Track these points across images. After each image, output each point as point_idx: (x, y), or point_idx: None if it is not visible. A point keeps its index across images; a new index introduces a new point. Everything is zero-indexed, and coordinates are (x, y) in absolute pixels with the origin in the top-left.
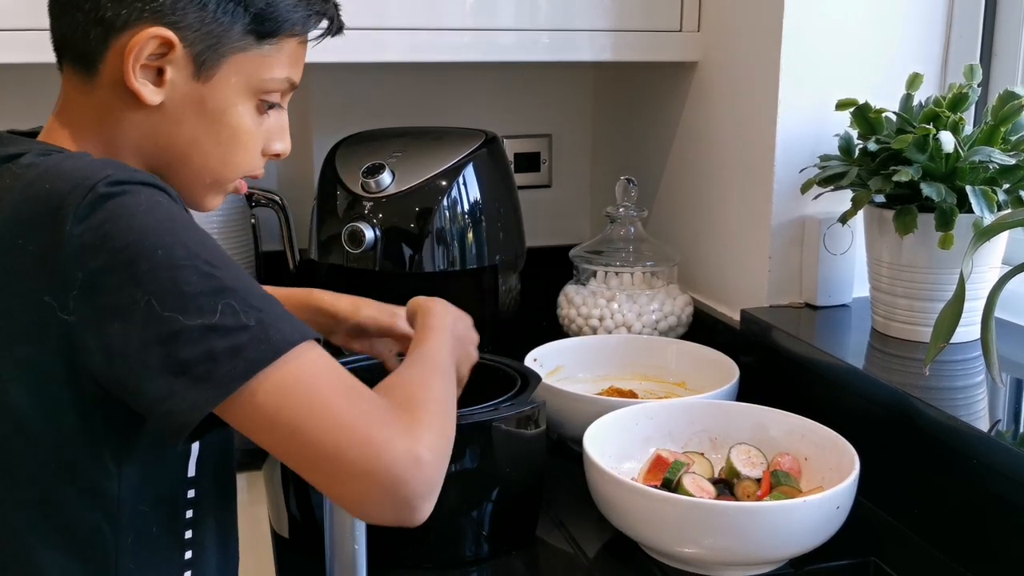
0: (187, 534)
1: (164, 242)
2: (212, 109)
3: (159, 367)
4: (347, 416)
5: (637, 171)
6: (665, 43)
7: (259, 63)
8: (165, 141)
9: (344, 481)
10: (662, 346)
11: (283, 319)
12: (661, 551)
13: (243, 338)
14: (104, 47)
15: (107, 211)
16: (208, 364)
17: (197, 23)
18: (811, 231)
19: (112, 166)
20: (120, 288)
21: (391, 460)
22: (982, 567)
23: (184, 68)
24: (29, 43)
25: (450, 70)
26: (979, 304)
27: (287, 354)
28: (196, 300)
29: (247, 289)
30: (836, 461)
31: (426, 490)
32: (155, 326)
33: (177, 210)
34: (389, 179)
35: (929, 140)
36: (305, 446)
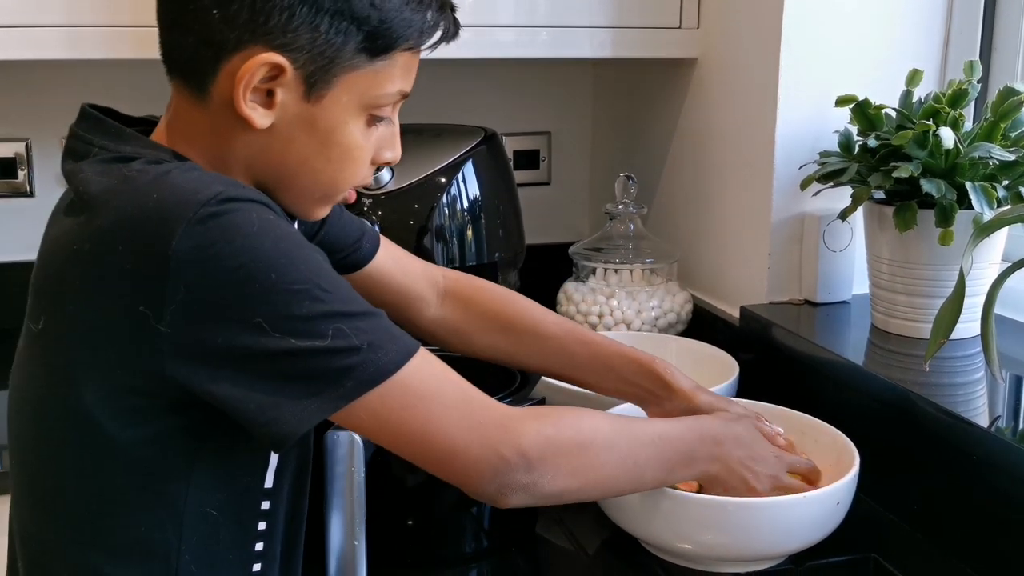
0: (258, 546)
1: (278, 265)
2: (323, 129)
3: (268, 382)
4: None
5: (636, 168)
6: (665, 40)
7: (371, 80)
8: (275, 160)
9: (456, 476)
10: (662, 343)
11: (391, 340)
12: (661, 547)
13: (354, 360)
14: (215, 68)
15: (219, 229)
16: (318, 383)
17: (309, 44)
18: (811, 228)
19: (221, 182)
20: (230, 306)
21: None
22: (982, 563)
23: (295, 90)
24: (27, 40)
25: (449, 67)
26: (979, 300)
27: (396, 373)
28: (308, 324)
29: (358, 313)
30: (836, 457)
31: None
32: (266, 345)
33: (288, 230)
34: (388, 176)
35: (929, 136)
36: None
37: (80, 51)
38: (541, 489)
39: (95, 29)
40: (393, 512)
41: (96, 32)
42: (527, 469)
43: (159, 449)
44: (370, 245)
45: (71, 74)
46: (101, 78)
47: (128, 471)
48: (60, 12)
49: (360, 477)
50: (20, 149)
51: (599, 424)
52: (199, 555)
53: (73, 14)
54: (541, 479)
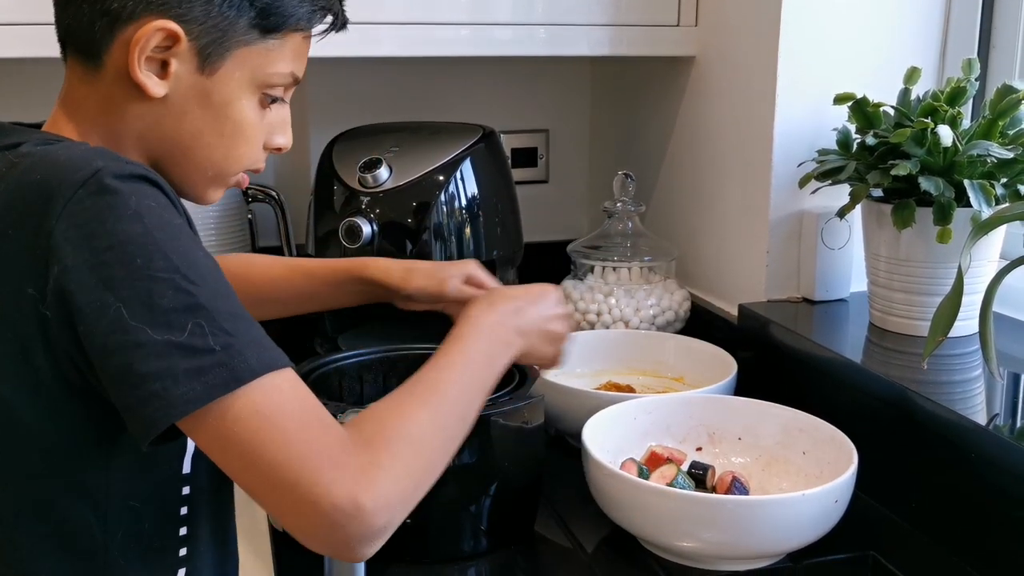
0: (182, 531)
1: (145, 251)
2: (216, 102)
3: (120, 377)
4: (298, 452)
5: (635, 166)
6: (662, 38)
7: (264, 57)
8: (168, 133)
9: (287, 514)
10: (660, 341)
11: (253, 346)
12: (660, 545)
13: (207, 361)
14: (109, 38)
15: (93, 210)
16: (167, 381)
17: (203, 16)
18: (809, 225)
19: (104, 157)
20: (93, 289)
21: (329, 506)
22: (981, 560)
23: (189, 61)
24: (25, 38)
25: (447, 65)
26: (977, 298)
27: (249, 384)
28: (166, 315)
29: (223, 310)
30: (834, 455)
31: (363, 537)
32: (121, 334)
33: (168, 215)
34: (386, 174)
35: (927, 134)
36: (254, 476)
37: None
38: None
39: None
40: None
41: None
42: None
43: (74, 438)
44: None
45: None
46: None
47: (48, 463)
48: None
49: None
50: None
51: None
52: (125, 546)
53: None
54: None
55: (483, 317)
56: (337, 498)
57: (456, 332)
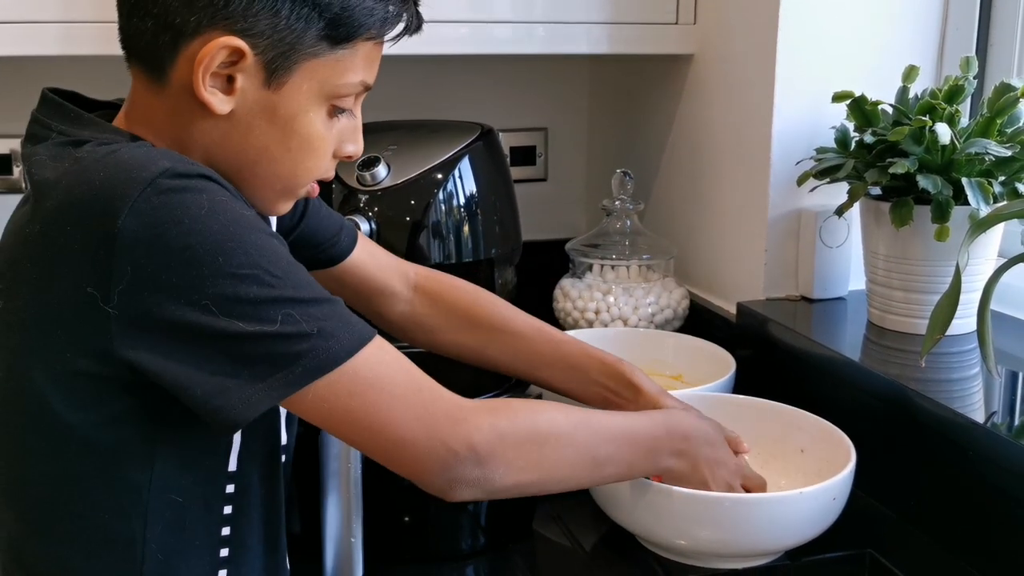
0: (224, 531)
1: (225, 247)
2: (283, 116)
3: (215, 366)
4: (412, 409)
5: (633, 164)
6: (661, 36)
7: (332, 68)
8: (235, 148)
9: (405, 466)
10: (659, 339)
11: (344, 325)
12: (658, 543)
13: (303, 346)
14: (173, 53)
15: (167, 209)
16: (266, 368)
17: (269, 30)
18: (807, 224)
19: (169, 158)
20: (177, 288)
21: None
22: (978, 558)
23: (255, 76)
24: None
25: (445, 63)
26: (975, 296)
27: (348, 361)
28: (256, 309)
29: (308, 297)
30: (832, 453)
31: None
32: (213, 328)
33: (239, 211)
34: (385, 172)
35: (925, 132)
36: (374, 439)
37: (75, 47)
38: (491, 484)
39: (90, 25)
40: (390, 508)
41: (91, 28)
42: (476, 463)
43: (116, 433)
44: (348, 240)
45: (67, 70)
46: (96, 74)
47: (87, 457)
48: (55, 8)
49: (357, 473)
50: (15, 145)
51: (556, 417)
52: (165, 543)
53: (68, 10)
54: (492, 474)
55: (681, 420)
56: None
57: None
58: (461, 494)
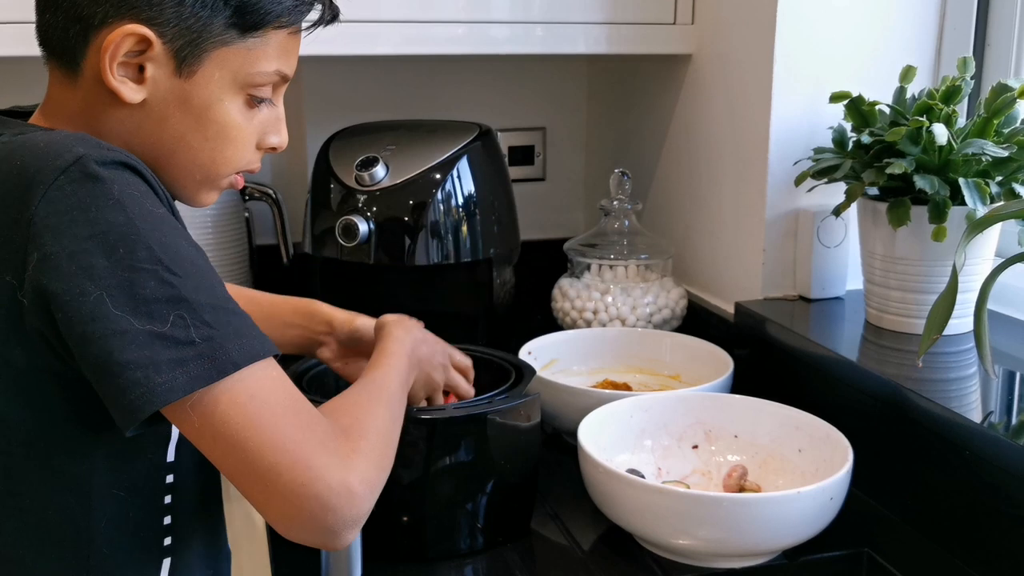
0: (166, 520)
1: (127, 241)
2: (197, 105)
3: (101, 365)
4: (289, 437)
5: (631, 164)
6: (659, 36)
7: (244, 57)
8: (151, 138)
9: (275, 500)
10: (656, 339)
11: (236, 337)
12: (655, 543)
13: (188, 353)
14: (83, 44)
15: (75, 197)
16: (148, 370)
17: (175, 18)
18: (805, 224)
19: (85, 143)
20: (73, 277)
21: (324, 488)
22: (975, 557)
23: (165, 65)
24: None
25: (444, 63)
26: (972, 296)
27: (232, 376)
28: (148, 306)
29: (205, 302)
30: (830, 453)
31: (352, 521)
32: (103, 322)
33: (150, 204)
34: (383, 172)
35: (922, 133)
36: (243, 462)
37: None
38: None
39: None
40: (388, 508)
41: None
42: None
43: (54, 427)
44: None
45: None
46: None
47: (30, 452)
48: None
49: None
50: None
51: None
52: (110, 536)
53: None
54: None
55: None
56: (331, 481)
57: (385, 346)
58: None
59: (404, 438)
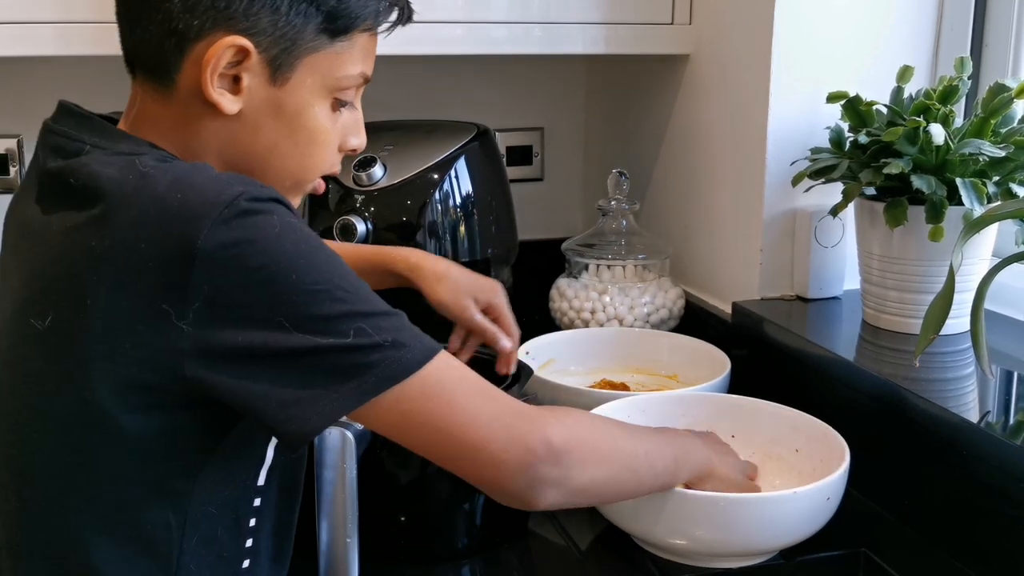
0: (248, 542)
1: (298, 266)
2: (289, 112)
3: (287, 378)
4: (486, 412)
5: (629, 164)
6: (657, 36)
7: (333, 61)
8: (244, 148)
9: (486, 470)
10: (654, 339)
11: (415, 338)
12: (652, 543)
13: (376, 356)
14: (179, 57)
15: (241, 231)
16: (339, 377)
17: (270, 28)
18: (802, 224)
19: (242, 182)
20: (252, 306)
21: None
22: (972, 557)
23: (260, 74)
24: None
25: (442, 63)
26: (969, 296)
27: (420, 370)
28: (330, 323)
29: (377, 311)
30: (827, 452)
31: (553, 479)
32: (288, 344)
33: (306, 231)
34: (381, 172)
35: (919, 132)
36: (448, 444)
37: (72, 47)
38: (571, 481)
39: (86, 25)
40: (385, 508)
41: (87, 28)
42: (555, 460)
43: (171, 446)
44: None
45: (63, 70)
46: (92, 74)
47: (140, 466)
48: (51, 8)
49: (352, 475)
50: (12, 145)
51: (604, 418)
52: (198, 553)
53: (65, 10)
54: (571, 470)
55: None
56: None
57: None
58: (543, 496)
59: None
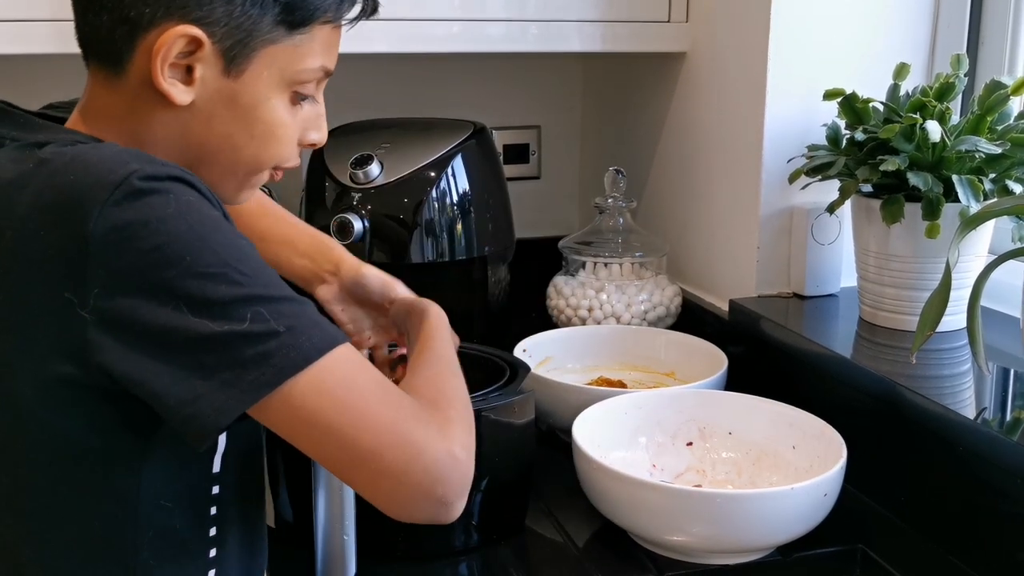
0: (211, 531)
1: (192, 248)
2: (244, 104)
3: (185, 371)
4: (384, 417)
5: (626, 162)
6: (654, 34)
7: (292, 54)
8: (196, 139)
9: (383, 481)
10: (651, 336)
11: (314, 326)
12: (650, 539)
13: (272, 345)
14: (131, 46)
15: (134, 210)
16: (236, 369)
17: (225, 18)
18: (799, 221)
19: (138, 158)
20: (146, 290)
21: (430, 460)
22: (969, 553)
23: (214, 65)
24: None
25: (439, 61)
26: (965, 293)
27: (318, 361)
28: (225, 308)
29: (278, 297)
30: (823, 449)
31: (462, 489)
32: (182, 331)
33: (207, 211)
34: (378, 170)
35: (916, 130)
36: (343, 448)
37: (68, 45)
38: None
39: None
40: None
41: None
42: (461, 468)
43: (103, 440)
44: None
45: (59, 69)
46: None
47: (78, 464)
48: (47, 6)
49: None
50: None
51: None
52: (157, 548)
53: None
54: (470, 466)
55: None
56: (435, 452)
57: (433, 322)
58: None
59: None
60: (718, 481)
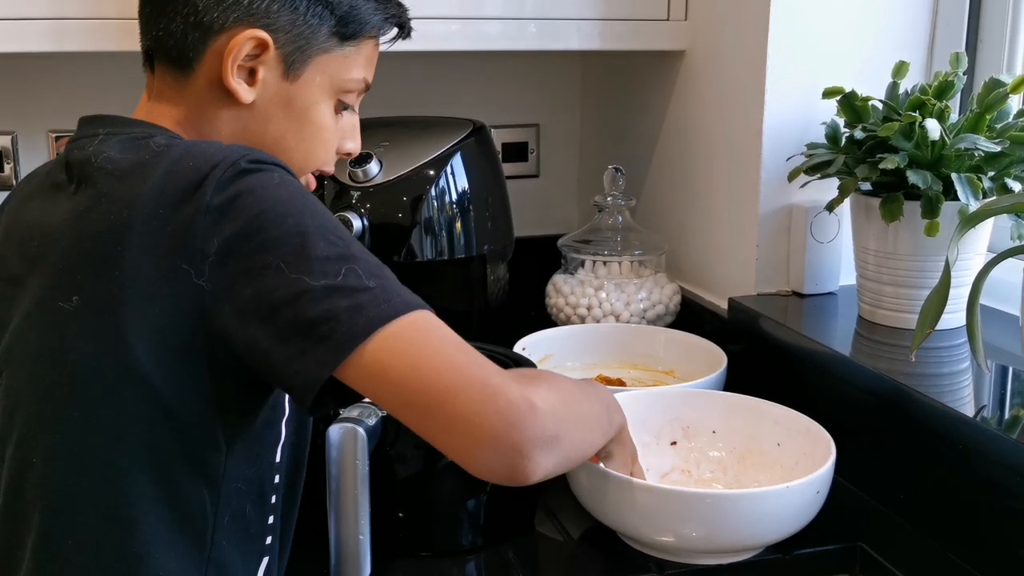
0: (270, 519)
1: (293, 211)
2: (298, 107)
3: (288, 327)
4: (463, 360)
5: (625, 160)
6: (653, 32)
7: (341, 63)
8: (254, 138)
9: (457, 425)
10: (650, 335)
11: (402, 288)
12: (640, 540)
13: (364, 298)
14: (202, 48)
15: (243, 184)
16: (331, 323)
17: (289, 25)
18: (798, 219)
19: (247, 150)
20: (253, 253)
21: (504, 402)
22: (969, 551)
23: (275, 68)
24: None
25: (437, 59)
26: (964, 291)
27: (406, 315)
28: (321, 264)
29: (370, 259)
30: (810, 446)
31: (540, 439)
32: (284, 288)
33: (306, 191)
34: (377, 169)
35: (915, 128)
36: (420, 391)
37: (65, 44)
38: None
39: (80, 22)
40: (389, 503)
41: (81, 25)
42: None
43: (207, 417)
44: None
45: (57, 67)
46: (87, 71)
47: (178, 438)
48: (45, 5)
49: (364, 471)
50: (6, 143)
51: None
52: (230, 531)
53: (58, 7)
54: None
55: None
56: (511, 395)
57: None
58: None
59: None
60: (704, 480)
